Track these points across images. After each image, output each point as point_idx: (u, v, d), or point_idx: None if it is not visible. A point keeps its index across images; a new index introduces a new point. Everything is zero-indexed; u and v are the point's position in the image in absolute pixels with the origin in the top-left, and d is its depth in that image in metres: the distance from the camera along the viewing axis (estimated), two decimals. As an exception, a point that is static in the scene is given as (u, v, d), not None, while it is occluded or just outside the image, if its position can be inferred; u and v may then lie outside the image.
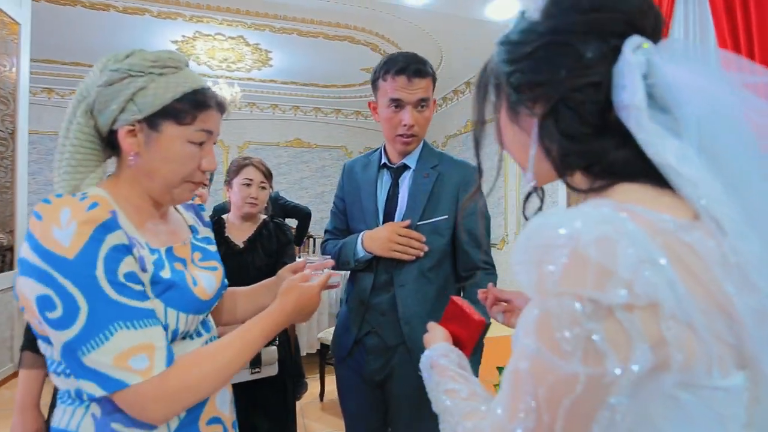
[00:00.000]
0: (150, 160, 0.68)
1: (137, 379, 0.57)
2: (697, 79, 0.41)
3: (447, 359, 0.64)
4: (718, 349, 0.36)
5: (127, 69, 0.64)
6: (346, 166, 1.34)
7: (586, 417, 0.37)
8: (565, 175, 0.48)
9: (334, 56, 5.82)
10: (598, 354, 0.35)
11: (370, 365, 1.18)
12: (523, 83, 0.48)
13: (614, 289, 0.34)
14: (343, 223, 1.31)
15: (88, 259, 0.57)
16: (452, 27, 4.94)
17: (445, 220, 1.15)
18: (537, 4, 0.48)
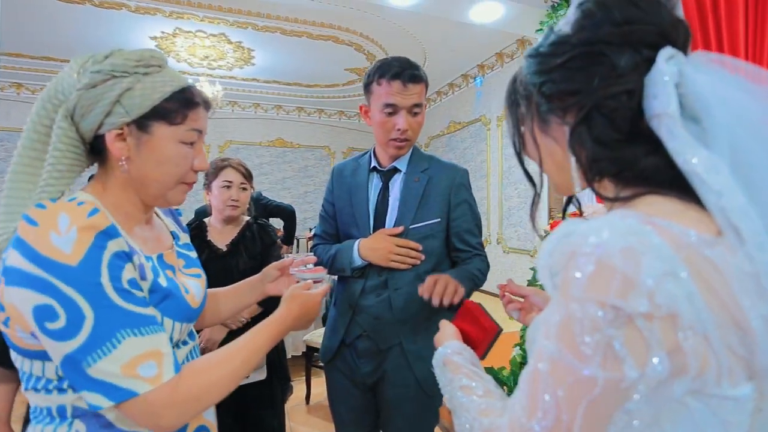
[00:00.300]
0: (142, 163, 0.65)
1: (147, 387, 0.55)
2: (727, 90, 0.42)
3: (461, 357, 0.65)
4: (729, 361, 0.38)
5: (110, 70, 0.61)
6: (335, 169, 1.33)
7: (603, 419, 0.39)
8: (594, 182, 0.49)
9: (318, 56, 5.78)
10: (617, 359, 0.36)
11: (361, 368, 1.17)
12: (555, 92, 0.49)
13: (637, 298, 0.35)
14: (333, 227, 1.29)
15: (92, 266, 0.55)
16: (436, 29, 4.97)
17: (437, 223, 1.16)
18: (566, 19, 0.50)
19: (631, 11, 0.45)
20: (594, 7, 0.47)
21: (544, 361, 0.40)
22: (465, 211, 1.19)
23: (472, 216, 1.21)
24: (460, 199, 1.19)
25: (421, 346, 1.14)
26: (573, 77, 0.47)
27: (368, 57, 5.87)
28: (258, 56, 5.84)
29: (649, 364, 0.36)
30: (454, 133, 7.20)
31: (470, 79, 6.67)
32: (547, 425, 0.39)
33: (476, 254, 1.16)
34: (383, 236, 1.13)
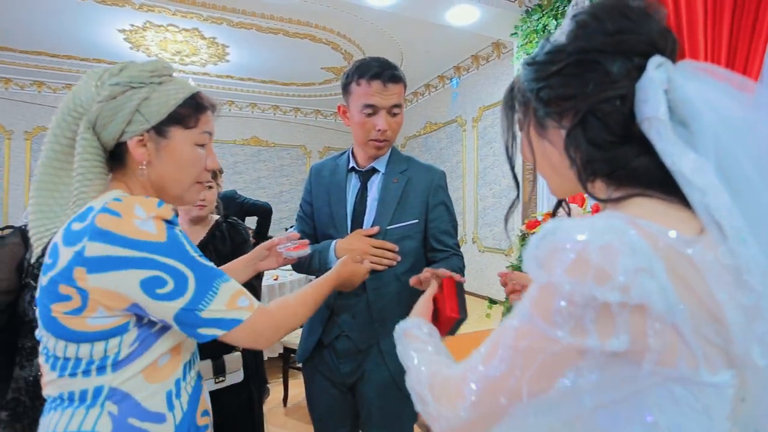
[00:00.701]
0: (162, 166, 0.71)
1: (247, 314, 0.68)
2: (713, 96, 0.45)
3: (419, 330, 0.70)
4: (704, 350, 0.41)
5: (128, 82, 0.67)
6: (313, 169, 1.32)
7: (554, 373, 0.43)
8: (587, 182, 0.52)
9: (294, 54, 5.72)
10: (585, 331, 0.41)
11: (341, 369, 1.17)
12: (552, 97, 0.52)
13: (610, 291, 0.39)
14: (311, 227, 1.29)
15: (176, 240, 0.64)
16: (413, 29, 5.01)
17: (415, 224, 1.17)
18: (562, 29, 0.53)
19: (623, 22, 0.49)
20: (588, 19, 0.50)
21: (516, 320, 0.45)
22: (442, 213, 1.21)
23: (449, 217, 1.23)
24: (438, 200, 1.21)
25: None
26: (569, 83, 0.50)
27: (345, 56, 5.85)
28: (233, 53, 5.73)
29: (611, 340, 0.41)
30: (431, 134, 7.27)
31: (446, 81, 6.74)
32: (502, 369, 0.44)
33: (453, 254, 1.19)
34: (359, 237, 1.13)
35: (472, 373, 0.47)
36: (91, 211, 0.63)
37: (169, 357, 0.71)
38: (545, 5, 4.13)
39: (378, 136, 1.12)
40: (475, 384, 0.46)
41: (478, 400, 0.46)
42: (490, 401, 0.45)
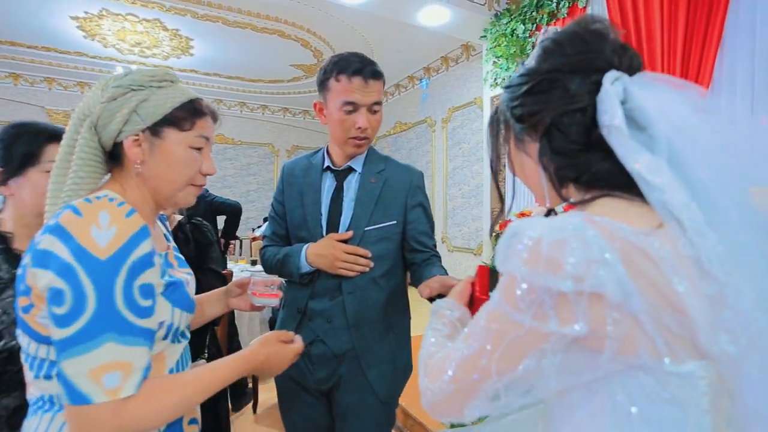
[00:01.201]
0: (155, 165, 0.72)
1: (103, 398, 0.57)
2: (667, 103, 0.50)
3: (450, 311, 0.74)
4: (666, 340, 0.44)
5: (129, 84, 0.70)
6: (286, 168, 1.27)
7: (520, 353, 0.47)
8: (561, 189, 0.58)
9: (262, 50, 5.57)
10: (545, 316, 0.45)
11: (315, 375, 1.13)
12: (524, 114, 0.58)
13: (562, 280, 0.43)
14: (283, 228, 1.23)
15: (116, 264, 0.60)
16: (384, 29, 4.99)
17: (393, 225, 1.14)
18: (532, 55, 0.60)
19: (580, 45, 0.55)
20: (550, 44, 0.58)
21: (489, 305, 0.51)
22: (421, 214, 1.19)
23: (427, 218, 1.21)
24: (417, 201, 1.19)
25: (374, 351, 1.12)
26: (536, 100, 0.57)
27: (315, 54, 5.76)
28: (197, 46, 5.51)
29: (573, 325, 0.44)
30: (400, 134, 7.29)
31: (416, 81, 6.78)
32: (475, 347, 0.50)
33: (433, 255, 1.17)
34: (331, 242, 1.09)
35: (453, 351, 0.53)
36: None
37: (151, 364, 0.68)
38: (513, 10, 4.22)
39: (358, 134, 1.08)
40: (453, 360, 0.52)
41: (454, 375, 0.52)
42: (464, 377, 0.51)
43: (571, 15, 3.70)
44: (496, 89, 4.49)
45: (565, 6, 3.73)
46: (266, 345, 0.79)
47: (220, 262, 1.75)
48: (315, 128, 8.73)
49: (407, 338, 1.21)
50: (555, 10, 3.81)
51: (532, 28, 4.05)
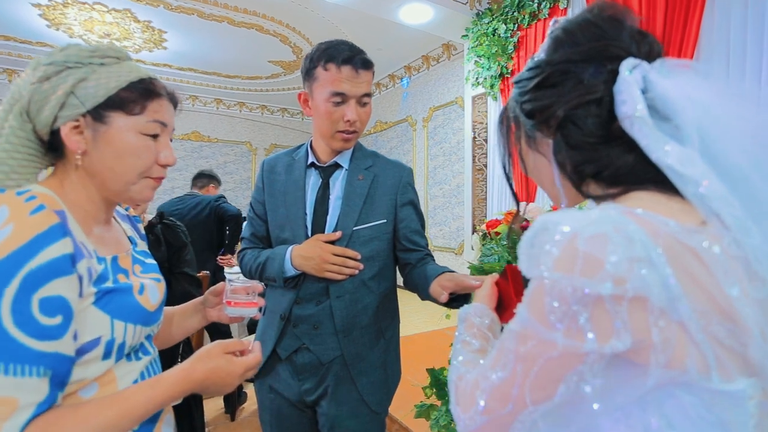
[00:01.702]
0: (101, 156, 0.63)
1: None
2: (692, 90, 0.45)
3: (479, 319, 0.68)
4: (716, 353, 0.38)
5: (63, 61, 0.60)
6: (266, 164, 1.17)
7: (555, 378, 0.42)
8: (581, 186, 0.52)
9: (240, 44, 5.42)
10: (581, 331, 0.39)
11: (300, 385, 1.05)
12: (534, 109, 0.54)
13: (601, 282, 0.37)
14: (263, 229, 1.15)
15: (8, 269, 0.49)
16: (365, 26, 4.92)
17: (384, 224, 1.08)
18: (542, 47, 0.55)
19: (593, 32, 0.51)
20: (561, 33, 0.53)
21: (516, 323, 0.45)
22: (412, 212, 1.14)
23: (419, 216, 1.16)
24: (407, 199, 1.13)
25: (365, 359, 1.05)
26: (546, 94, 0.53)
27: (294, 50, 5.64)
28: (171, 39, 5.30)
29: (611, 340, 0.38)
30: (381, 133, 7.23)
31: (397, 80, 6.74)
32: (504, 376, 0.45)
33: (427, 254, 1.11)
34: (318, 243, 1.02)
35: (482, 379, 0.48)
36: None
37: (96, 387, 0.60)
38: (495, 9, 4.23)
39: (346, 127, 1.01)
40: (484, 390, 0.47)
41: (486, 406, 0.47)
42: (497, 408, 0.46)
43: (553, 16, 3.73)
44: (478, 88, 4.49)
45: (546, 6, 3.75)
46: (207, 360, 0.64)
47: (194, 265, 1.65)
48: (294, 126, 8.57)
49: (397, 343, 1.15)
50: (536, 10, 3.83)
51: (514, 28, 4.06)
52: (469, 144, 4.83)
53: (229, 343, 0.69)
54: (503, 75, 4.17)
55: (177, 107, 0.72)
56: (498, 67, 4.17)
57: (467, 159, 4.88)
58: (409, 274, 1.10)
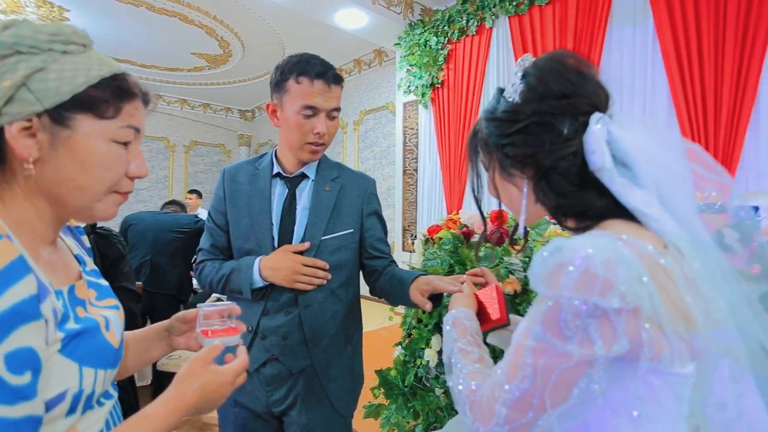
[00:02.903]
0: (59, 166, 0.51)
1: None
2: (644, 142, 0.55)
3: (470, 323, 0.72)
4: (678, 345, 0.49)
5: (13, 43, 0.47)
6: (227, 174, 1.14)
7: (570, 383, 0.49)
8: (562, 220, 0.61)
9: (158, 33, 5.01)
10: (590, 341, 0.47)
11: (269, 397, 1.05)
12: (516, 154, 0.60)
13: (613, 298, 0.45)
14: (224, 240, 1.12)
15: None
16: (298, 26, 4.85)
17: (351, 234, 1.11)
18: (513, 86, 0.61)
19: (565, 85, 0.57)
20: (535, 82, 0.58)
21: (530, 339, 0.50)
22: (376, 221, 1.18)
23: (382, 225, 1.21)
24: (372, 209, 1.18)
25: (334, 366, 1.08)
26: (529, 142, 0.59)
27: (221, 44, 5.36)
28: (74, 19, 4.73)
29: (613, 346, 0.47)
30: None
31: (328, 82, 6.72)
32: (524, 387, 0.50)
33: (392, 260, 1.17)
34: (287, 254, 1.02)
35: (499, 391, 0.52)
36: None
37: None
38: (427, 21, 4.43)
39: (315, 139, 1.03)
40: (504, 403, 0.51)
41: (508, 417, 0.51)
42: (518, 417, 0.51)
43: (479, 33, 4.01)
44: (410, 96, 4.67)
45: (474, 24, 4.03)
46: (192, 379, 0.58)
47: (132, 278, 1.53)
48: (217, 123, 8.11)
49: (361, 348, 1.19)
50: (465, 26, 4.09)
51: (444, 41, 4.30)
52: (400, 149, 4.99)
53: (207, 353, 0.62)
54: (434, 85, 4.39)
55: (149, 107, 0.60)
56: (429, 77, 4.38)
57: (398, 163, 5.03)
58: (377, 281, 1.14)
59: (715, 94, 2.67)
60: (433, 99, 4.45)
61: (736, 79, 2.60)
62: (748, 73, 2.56)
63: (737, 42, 2.59)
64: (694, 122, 2.74)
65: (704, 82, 2.71)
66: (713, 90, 2.67)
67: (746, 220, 0.64)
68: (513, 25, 3.75)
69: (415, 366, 1.85)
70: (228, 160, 8.48)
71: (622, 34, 3.19)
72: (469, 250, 1.77)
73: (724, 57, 2.63)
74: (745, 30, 2.57)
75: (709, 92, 2.68)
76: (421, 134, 4.70)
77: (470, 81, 4.10)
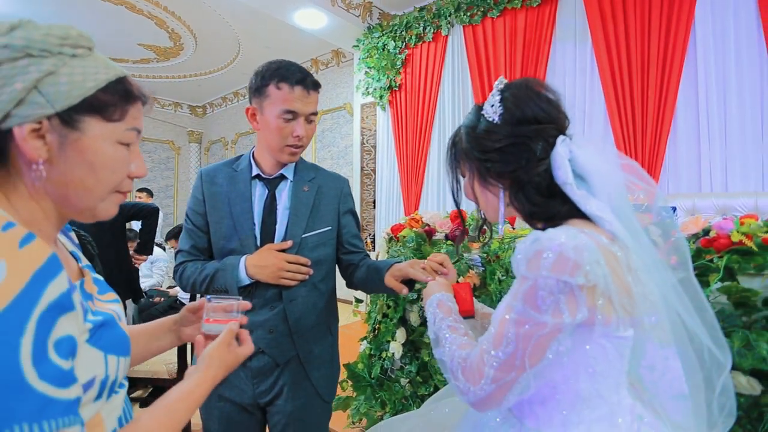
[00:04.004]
0: (69, 168, 0.53)
1: None
2: (596, 160, 0.68)
3: (452, 305, 0.84)
4: (622, 315, 0.62)
5: (24, 46, 0.48)
6: (204, 176, 1.17)
7: (544, 347, 0.60)
8: (534, 223, 0.73)
9: (102, 20, 4.72)
10: (560, 311, 0.59)
11: (255, 388, 1.09)
12: (495, 169, 0.72)
13: (579, 276, 0.58)
14: (205, 241, 1.15)
15: (17, 317, 0.41)
16: (255, 22, 4.78)
17: (329, 231, 1.18)
18: (493, 105, 0.71)
19: (538, 111, 0.69)
20: (512, 107, 0.69)
21: (512, 313, 0.62)
22: (351, 219, 1.26)
23: (356, 222, 1.29)
24: (347, 207, 1.25)
25: (316, 355, 1.15)
26: (508, 160, 0.70)
27: (172, 36, 5.15)
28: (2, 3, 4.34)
29: (577, 315, 0.59)
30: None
31: (284, 80, 6.64)
32: (509, 351, 0.61)
33: (366, 254, 1.25)
34: (271, 252, 1.07)
35: (487, 356, 0.63)
36: None
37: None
38: (385, 26, 4.54)
39: (295, 142, 1.09)
40: (491, 365, 0.63)
41: (495, 376, 0.62)
42: (503, 376, 0.62)
43: (435, 40, 4.18)
44: (368, 97, 4.76)
45: (431, 31, 4.19)
46: (220, 361, 0.68)
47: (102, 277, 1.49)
48: (164, 118, 7.73)
49: (338, 337, 1.27)
50: (422, 33, 4.25)
51: (402, 46, 4.43)
52: (358, 149, 5.07)
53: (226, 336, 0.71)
54: (392, 87, 4.51)
55: (146, 107, 0.63)
56: (387, 80, 4.49)
57: (356, 164, 5.10)
58: (353, 273, 1.22)
59: (642, 111, 3.01)
60: (391, 101, 4.57)
61: (658, 97, 2.95)
62: (668, 90, 2.92)
63: (659, 64, 2.94)
64: (627, 134, 3.07)
65: (633, 98, 3.04)
66: (641, 106, 3.01)
67: (666, 219, 0.77)
68: (467, 34, 3.96)
69: (381, 359, 1.95)
70: (177, 157, 8.11)
71: (564, 49, 3.48)
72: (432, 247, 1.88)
73: (649, 78, 2.98)
74: (665, 52, 2.93)
75: (638, 108, 3.02)
76: (379, 136, 4.80)
77: (426, 85, 4.26)
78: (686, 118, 2.93)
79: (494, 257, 1.65)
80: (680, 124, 2.94)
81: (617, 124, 3.09)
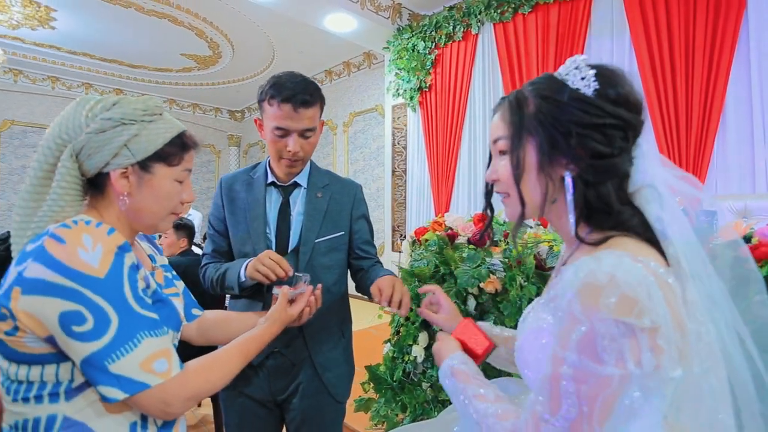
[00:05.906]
0: (141, 199, 0.74)
1: (159, 380, 0.64)
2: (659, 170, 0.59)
3: (467, 366, 0.71)
4: (675, 355, 0.51)
5: (120, 118, 0.69)
6: (224, 183, 1.23)
7: (613, 401, 0.49)
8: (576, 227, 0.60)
9: (148, 33, 5.02)
10: (624, 360, 0.48)
11: (273, 386, 1.14)
12: (584, 146, 0.58)
13: (644, 318, 0.48)
14: (225, 244, 1.20)
15: (116, 278, 0.64)
16: (288, 28, 4.90)
17: (342, 236, 1.20)
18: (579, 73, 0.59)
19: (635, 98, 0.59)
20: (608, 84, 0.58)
21: (565, 367, 0.51)
22: (364, 224, 1.27)
23: (369, 228, 1.30)
24: (360, 213, 1.27)
25: (328, 356, 1.17)
26: (606, 142, 0.57)
27: (211, 45, 5.39)
28: (61, 19, 4.71)
29: (643, 362, 0.49)
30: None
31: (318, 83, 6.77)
32: (571, 417, 0.50)
33: (377, 261, 1.26)
34: (266, 252, 1.09)
35: (544, 425, 0.52)
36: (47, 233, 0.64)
37: None
38: (414, 27, 4.52)
39: (289, 156, 1.11)
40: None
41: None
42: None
43: (465, 39, 4.12)
44: (398, 99, 4.76)
45: (461, 30, 4.14)
46: (280, 319, 0.91)
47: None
48: (207, 123, 8.10)
49: (351, 340, 1.29)
50: (452, 32, 4.20)
51: (432, 46, 4.40)
52: (389, 150, 5.08)
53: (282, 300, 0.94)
54: (422, 88, 4.49)
55: (197, 150, 0.83)
56: (417, 80, 4.47)
57: (387, 165, 5.12)
58: (361, 278, 1.23)
59: (687, 108, 2.82)
60: (421, 102, 4.54)
61: (704, 92, 2.75)
62: (716, 86, 2.72)
63: (705, 58, 2.74)
64: (669, 132, 2.89)
65: (676, 94, 2.86)
66: (685, 103, 2.82)
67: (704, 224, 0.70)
68: (498, 31, 3.87)
69: (403, 362, 1.95)
70: (218, 160, 8.47)
71: (600, 44, 3.32)
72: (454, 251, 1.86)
73: (694, 72, 2.79)
74: (713, 45, 2.72)
75: (681, 105, 2.83)
76: (410, 137, 4.79)
77: (457, 85, 4.21)
78: (737, 115, 2.71)
79: (516, 262, 1.61)
80: (730, 122, 2.73)
81: (658, 121, 2.92)
